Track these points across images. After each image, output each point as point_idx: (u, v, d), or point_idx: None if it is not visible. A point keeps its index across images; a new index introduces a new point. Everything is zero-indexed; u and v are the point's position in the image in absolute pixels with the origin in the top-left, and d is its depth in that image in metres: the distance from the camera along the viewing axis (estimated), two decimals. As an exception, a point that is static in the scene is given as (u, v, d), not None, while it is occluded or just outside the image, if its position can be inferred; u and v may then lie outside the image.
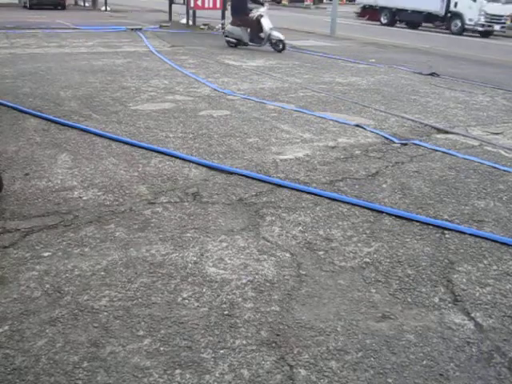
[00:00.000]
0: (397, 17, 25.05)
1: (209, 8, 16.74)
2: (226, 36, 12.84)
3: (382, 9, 25.44)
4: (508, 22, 21.24)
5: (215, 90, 7.62)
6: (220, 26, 16.50)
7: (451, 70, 10.72)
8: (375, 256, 3.14)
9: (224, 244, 3.21)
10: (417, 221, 3.62)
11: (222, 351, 2.28)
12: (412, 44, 15.55)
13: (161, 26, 16.87)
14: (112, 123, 5.68)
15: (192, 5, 16.55)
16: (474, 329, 2.51)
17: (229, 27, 12.81)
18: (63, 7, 24.95)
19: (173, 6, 19.09)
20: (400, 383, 2.15)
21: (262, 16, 11.97)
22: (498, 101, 7.94)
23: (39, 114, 5.88)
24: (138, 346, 2.29)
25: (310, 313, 2.56)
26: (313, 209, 3.75)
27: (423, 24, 24.53)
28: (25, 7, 24.35)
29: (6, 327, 2.37)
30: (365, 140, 5.48)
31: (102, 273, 2.84)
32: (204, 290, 2.72)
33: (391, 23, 25.15)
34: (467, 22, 21.08)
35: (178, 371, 2.15)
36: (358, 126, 6.00)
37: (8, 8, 23.95)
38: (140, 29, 15.68)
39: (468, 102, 7.76)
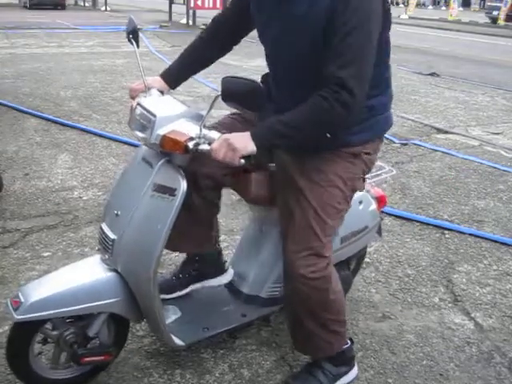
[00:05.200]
0: None
1: (209, 8, 16.71)
2: None
3: None
4: None
5: (215, 89, 7.62)
6: None
7: (451, 69, 10.71)
8: (375, 256, 3.14)
9: (224, 244, 3.20)
10: (417, 221, 3.62)
11: (221, 351, 2.28)
12: (412, 44, 15.55)
13: (161, 26, 16.87)
14: (112, 123, 5.68)
15: (192, 5, 16.55)
16: (474, 329, 2.51)
17: None
18: (63, 7, 24.92)
19: (173, 5, 19.08)
20: (400, 383, 2.15)
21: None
22: (498, 101, 7.94)
23: (39, 113, 5.88)
24: (138, 346, 2.28)
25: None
26: (313, 209, 3.74)
27: None
28: (25, 7, 24.31)
29: (6, 327, 2.36)
30: (365, 140, 5.47)
31: (102, 273, 2.83)
32: (204, 290, 2.71)
33: None
34: None
35: (177, 371, 2.15)
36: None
37: (8, 8, 23.94)
38: (140, 29, 15.66)
39: (468, 102, 7.76)
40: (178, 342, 2.00)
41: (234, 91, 1.62)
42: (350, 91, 1.59)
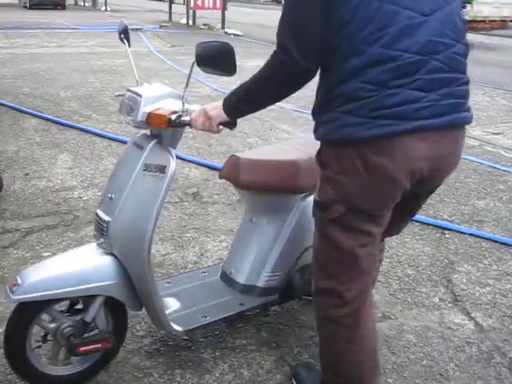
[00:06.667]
0: None
1: (209, 8, 16.72)
2: None
3: None
4: None
5: (215, 90, 7.61)
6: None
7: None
8: (375, 256, 3.13)
9: (224, 244, 3.20)
10: (417, 221, 3.62)
11: (221, 351, 2.27)
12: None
13: (161, 26, 16.87)
14: (112, 123, 5.68)
15: (192, 5, 16.55)
16: (474, 329, 2.51)
17: None
18: (63, 7, 24.94)
19: (173, 5, 19.09)
20: (400, 383, 2.15)
21: None
22: (498, 101, 7.93)
23: (39, 114, 5.88)
24: (138, 346, 2.28)
25: (309, 312, 2.56)
26: (313, 209, 3.74)
27: None
28: (25, 7, 24.33)
29: (6, 327, 2.37)
30: (365, 140, 5.47)
31: (102, 273, 2.83)
32: (204, 290, 2.71)
33: None
34: None
35: (177, 371, 2.15)
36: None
37: (8, 8, 23.94)
38: (140, 29, 15.67)
39: (468, 101, 7.75)
40: (176, 328, 2.03)
41: (207, 55, 1.71)
42: (279, 44, 1.55)
